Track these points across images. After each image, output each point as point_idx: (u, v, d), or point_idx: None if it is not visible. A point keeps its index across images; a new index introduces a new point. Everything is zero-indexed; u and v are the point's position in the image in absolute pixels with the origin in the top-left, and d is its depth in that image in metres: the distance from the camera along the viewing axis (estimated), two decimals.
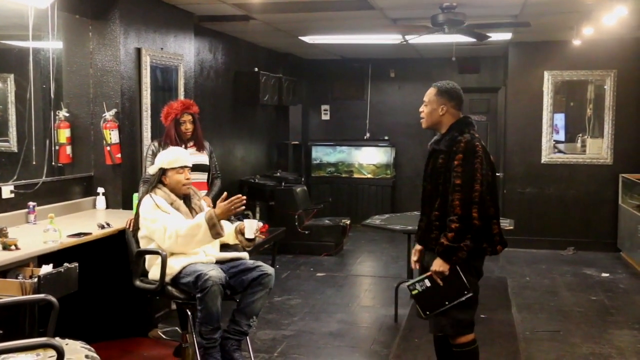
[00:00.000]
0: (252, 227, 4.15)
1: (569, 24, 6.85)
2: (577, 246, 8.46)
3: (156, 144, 4.93)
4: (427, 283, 3.37)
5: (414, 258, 3.67)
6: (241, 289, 4.12)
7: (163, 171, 4.16)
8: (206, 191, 5.10)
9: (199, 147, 5.05)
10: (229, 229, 4.27)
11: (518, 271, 7.39)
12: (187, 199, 4.28)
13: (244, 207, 4.09)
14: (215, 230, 3.94)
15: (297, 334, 5.17)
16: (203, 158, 5.07)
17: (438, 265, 3.32)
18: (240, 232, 4.24)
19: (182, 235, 3.94)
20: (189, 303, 3.99)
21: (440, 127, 3.53)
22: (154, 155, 4.64)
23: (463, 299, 3.33)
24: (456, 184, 3.26)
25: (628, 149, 8.36)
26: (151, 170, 4.25)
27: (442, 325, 3.44)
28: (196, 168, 4.96)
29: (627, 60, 8.32)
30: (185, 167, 4.20)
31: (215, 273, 3.87)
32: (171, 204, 4.12)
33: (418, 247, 3.63)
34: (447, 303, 3.35)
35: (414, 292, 3.43)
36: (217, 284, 3.83)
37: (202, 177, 5.07)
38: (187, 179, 4.21)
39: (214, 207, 4.65)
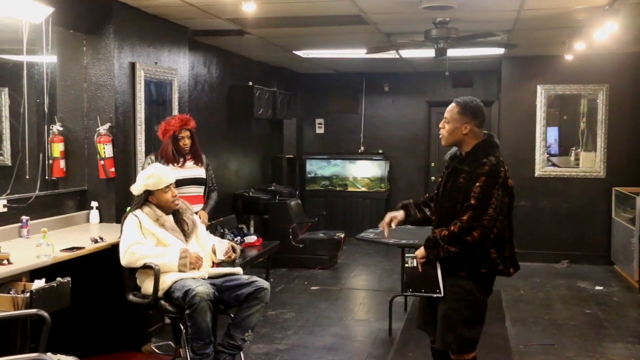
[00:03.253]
0: (222, 249, 4.30)
1: (561, 39, 6.91)
2: (571, 259, 8.48)
3: (152, 157, 4.95)
4: (415, 263, 3.47)
5: (386, 220, 3.65)
6: (236, 304, 4.13)
7: (149, 192, 4.19)
8: (202, 205, 5.10)
9: (197, 161, 5.07)
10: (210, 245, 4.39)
11: (512, 284, 7.38)
12: (177, 213, 4.29)
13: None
14: (182, 262, 4.03)
15: (291, 348, 5.16)
16: (200, 172, 5.09)
17: (420, 251, 3.42)
18: (214, 251, 4.34)
19: (148, 253, 4.02)
20: (181, 317, 3.99)
21: (462, 145, 3.44)
22: None
23: (433, 295, 3.40)
24: (471, 204, 3.25)
25: (621, 163, 8.40)
26: (135, 191, 4.26)
27: (448, 342, 3.42)
28: (193, 182, 4.99)
29: (619, 74, 8.39)
30: (170, 185, 4.23)
31: (203, 289, 3.87)
32: (156, 220, 4.14)
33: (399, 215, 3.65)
34: (423, 291, 3.45)
35: (406, 265, 3.53)
36: (205, 300, 3.84)
37: (199, 190, 5.09)
38: (174, 195, 4.24)
39: (209, 221, 4.71)
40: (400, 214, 3.65)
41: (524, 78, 8.69)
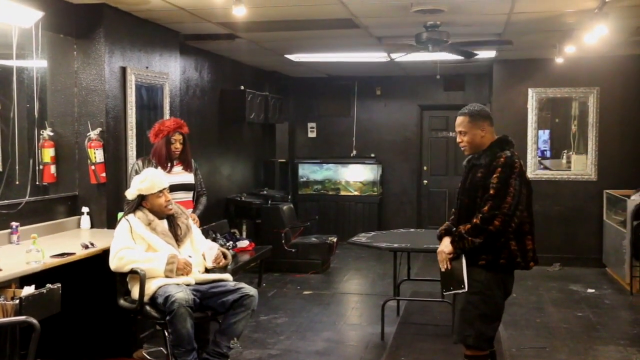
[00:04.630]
0: (211, 255, 4.30)
1: (552, 42, 6.94)
2: (562, 262, 8.50)
3: (140, 162, 4.90)
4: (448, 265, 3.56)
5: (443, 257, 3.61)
6: (223, 310, 4.11)
7: (142, 197, 4.17)
8: (191, 210, 5.08)
9: (186, 167, 5.04)
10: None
11: None
12: (171, 217, 4.28)
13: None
14: (169, 268, 4.04)
15: (283, 353, 5.14)
16: (189, 177, 5.05)
17: (443, 244, 3.55)
18: (204, 257, 4.34)
19: (136, 258, 4.02)
20: (165, 323, 3.98)
21: (483, 147, 3.62)
22: (138, 173, 4.62)
23: (459, 292, 3.48)
24: (490, 194, 3.40)
25: (612, 165, 8.43)
26: (129, 195, 4.24)
27: (465, 335, 3.50)
28: (182, 187, 4.95)
29: (609, 77, 8.42)
30: (164, 189, 4.22)
31: (182, 295, 3.86)
32: (148, 225, 4.13)
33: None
34: (452, 289, 3.53)
35: (441, 269, 3.60)
36: (184, 306, 3.82)
37: (188, 195, 5.06)
38: (168, 200, 4.24)
39: (201, 225, 4.70)
40: (447, 244, 3.57)
41: (515, 81, 8.72)
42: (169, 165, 4.91)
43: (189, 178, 5.04)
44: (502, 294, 3.55)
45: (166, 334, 4.01)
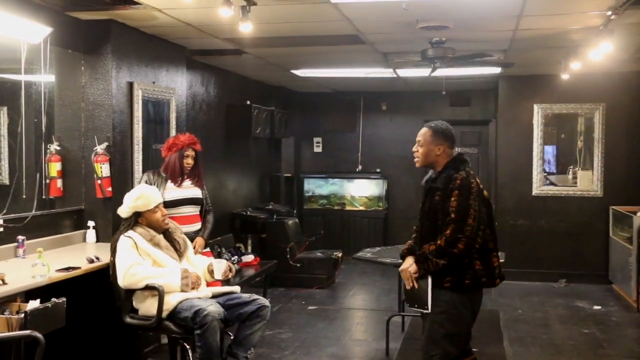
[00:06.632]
0: (220, 269, 4.32)
1: (557, 58, 6.95)
2: (568, 278, 8.46)
3: (151, 175, 4.92)
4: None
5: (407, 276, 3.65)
6: (237, 322, 4.15)
7: (138, 214, 4.19)
8: (199, 224, 5.07)
9: (197, 183, 5.05)
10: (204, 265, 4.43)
11: (510, 304, 7.36)
12: (167, 233, 4.29)
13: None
14: (185, 282, 4.05)
15: None
16: (198, 192, 5.07)
17: (407, 262, 3.59)
18: (210, 271, 4.34)
19: (149, 274, 4.02)
20: (187, 337, 4.00)
21: (435, 166, 3.67)
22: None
23: (423, 311, 3.52)
24: (451, 218, 3.42)
25: (618, 181, 8.41)
26: (123, 214, 4.24)
27: (431, 355, 3.51)
28: (190, 202, 4.97)
29: (615, 93, 8.42)
30: (159, 204, 4.24)
31: (214, 308, 3.89)
32: (150, 240, 4.14)
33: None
34: (416, 306, 3.57)
35: (407, 287, 3.63)
36: (217, 319, 3.87)
37: (195, 210, 5.06)
38: (164, 214, 4.26)
39: (206, 244, 4.73)
40: (411, 263, 3.60)
41: (521, 97, 8.72)
42: (180, 179, 4.95)
43: (197, 193, 5.05)
44: (470, 313, 3.56)
45: (187, 347, 4.03)
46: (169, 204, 4.81)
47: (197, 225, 5.04)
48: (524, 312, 7.05)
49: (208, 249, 5.16)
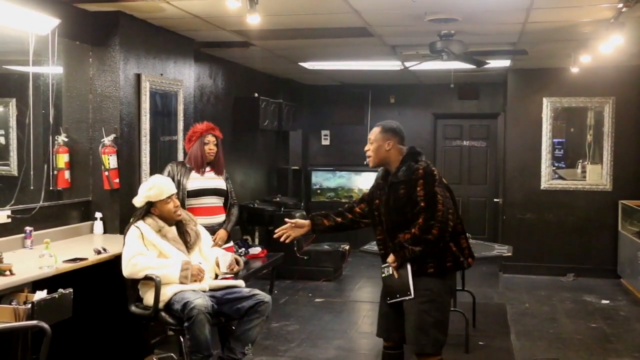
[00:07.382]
0: (225, 262, 4.33)
1: (567, 51, 6.90)
2: (577, 272, 8.43)
3: (174, 165, 4.96)
4: (390, 271, 3.63)
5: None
6: (237, 317, 4.12)
7: (150, 204, 4.19)
8: (223, 215, 5.07)
9: (218, 172, 5.06)
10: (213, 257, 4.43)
11: (517, 298, 7.35)
12: (180, 224, 4.29)
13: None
14: (184, 275, 4.05)
15: None
16: (220, 182, 5.07)
17: (390, 257, 3.62)
18: (217, 264, 4.36)
19: (150, 264, 4.04)
20: (181, 329, 3.99)
21: (388, 162, 3.75)
22: (170, 177, 4.69)
23: (406, 298, 3.56)
24: (422, 206, 3.51)
25: (627, 176, 8.36)
26: (137, 203, 4.27)
27: (422, 344, 3.57)
28: (214, 192, 4.99)
29: (625, 87, 8.37)
30: (172, 195, 4.24)
31: (201, 301, 3.87)
32: (159, 231, 4.16)
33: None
34: (397, 296, 3.60)
35: (382, 275, 3.68)
36: (203, 313, 3.84)
37: (219, 201, 5.07)
38: (177, 205, 4.26)
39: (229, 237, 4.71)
40: (305, 222, 4.10)
41: (530, 90, 8.68)
42: (203, 168, 4.95)
43: (220, 183, 5.06)
44: (450, 299, 3.75)
45: (182, 339, 4.02)
46: (191, 194, 4.85)
47: (221, 217, 5.03)
48: (531, 306, 7.03)
49: (231, 244, 5.17)
